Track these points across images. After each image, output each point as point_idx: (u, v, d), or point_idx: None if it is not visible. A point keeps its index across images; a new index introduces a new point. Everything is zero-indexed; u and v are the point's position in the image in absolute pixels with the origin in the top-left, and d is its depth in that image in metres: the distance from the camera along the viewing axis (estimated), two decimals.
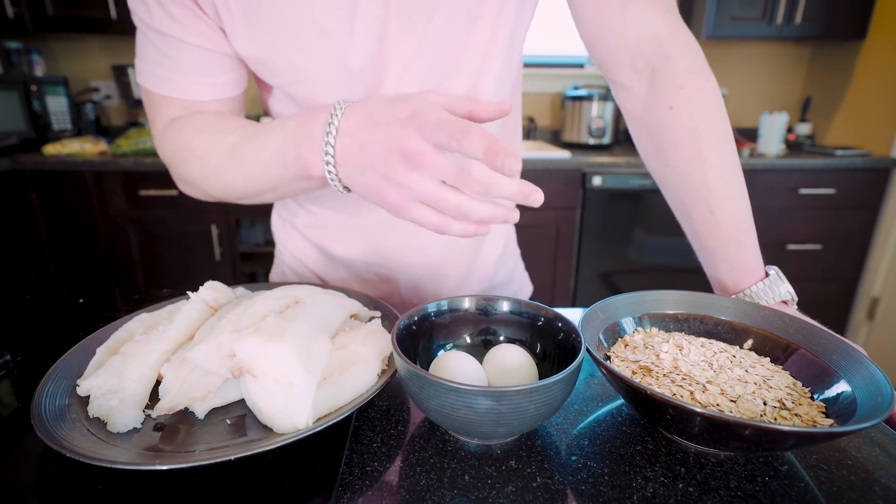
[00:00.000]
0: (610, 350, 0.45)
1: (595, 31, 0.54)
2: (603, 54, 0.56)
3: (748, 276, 0.51)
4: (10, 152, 1.83)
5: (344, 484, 0.34)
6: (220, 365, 0.38)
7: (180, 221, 1.90)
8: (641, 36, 0.52)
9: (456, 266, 0.67)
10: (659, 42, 0.52)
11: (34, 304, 0.64)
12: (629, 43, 0.53)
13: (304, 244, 0.70)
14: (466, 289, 0.70)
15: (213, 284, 0.50)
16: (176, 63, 0.50)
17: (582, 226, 1.92)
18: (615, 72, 0.56)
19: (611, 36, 0.53)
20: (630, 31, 0.52)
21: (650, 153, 0.57)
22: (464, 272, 0.68)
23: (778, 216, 1.92)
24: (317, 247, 0.69)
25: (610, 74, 0.57)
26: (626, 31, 0.53)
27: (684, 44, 0.52)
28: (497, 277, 0.73)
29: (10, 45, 2.01)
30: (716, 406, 0.36)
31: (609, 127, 2.10)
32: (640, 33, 0.52)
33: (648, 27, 0.52)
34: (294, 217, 0.69)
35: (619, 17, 0.52)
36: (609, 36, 0.54)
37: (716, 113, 0.52)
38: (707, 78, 0.52)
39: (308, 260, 0.70)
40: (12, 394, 0.45)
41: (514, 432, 0.37)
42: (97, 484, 0.33)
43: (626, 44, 0.53)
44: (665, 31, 0.52)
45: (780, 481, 0.34)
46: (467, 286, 0.70)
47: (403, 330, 0.41)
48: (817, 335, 0.42)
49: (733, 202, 0.51)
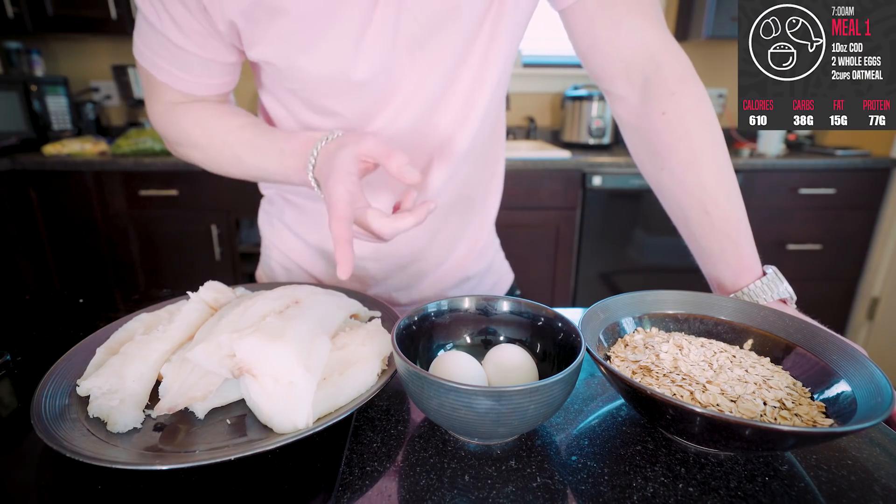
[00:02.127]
0: (610, 350, 0.45)
1: (590, 45, 0.56)
2: (598, 66, 0.57)
3: (746, 274, 0.52)
4: (10, 152, 1.83)
5: (344, 484, 0.34)
6: (220, 365, 0.38)
7: (180, 221, 1.90)
8: (635, 47, 0.54)
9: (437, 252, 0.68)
10: (651, 52, 0.54)
11: (34, 304, 0.64)
12: (623, 54, 0.54)
13: (292, 239, 0.70)
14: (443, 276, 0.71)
15: (213, 284, 0.50)
16: (180, 62, 0.52)
17: (582, 226, 1.92)
18: (610, 82, 0.57)
19: (605, 48, 0.55)
20: (624, 42, 0.54)
21: (645, 159, 0.58)
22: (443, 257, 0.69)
23: (778, 216, 1.92)
24: (304, 241, 0.69)
25: (604, 85, 0.58)
26: (620, 43, 0.54)
27: (675, 54, 0.54)
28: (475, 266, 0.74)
29: (10, 45, 2.00)
30: (716, 406, 0.36)
31: (609, 127, 2.09)
32: (634, 45, 0.54)
33: (641, 39, 0.54)
34: (281, 213, 0.70)
35: (612, 30, 0.54)
36: (604, 48, 0.55)
37: (707, 117, 0.53)
38: (697, 85, 0.54)
39: (296, 255, 0.71)
40: (12, 394, 0.45)
41: (514, 432, 0.37)
42: (97, 484, 0.33)
43: (621, 55, 0.55)
44: (657, 41, 0.54)
45: (780, 481, 0.34)
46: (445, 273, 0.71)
47: (403, 330, 0.41)
48: (817, 335, 0.42)
49: (728, 201, 0.52)
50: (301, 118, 0.58)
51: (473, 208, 0.69)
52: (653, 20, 0.54)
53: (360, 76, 0.50)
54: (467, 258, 0.72)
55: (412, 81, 0.53)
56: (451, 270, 0.71)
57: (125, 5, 1.86)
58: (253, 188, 0.72)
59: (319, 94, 0.53)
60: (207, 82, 0.54)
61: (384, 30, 0.48)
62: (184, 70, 0.52)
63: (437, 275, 0.71)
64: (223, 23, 0.48)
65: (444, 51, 0.52)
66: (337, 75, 0.50)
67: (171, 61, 0.52)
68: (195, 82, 0.54)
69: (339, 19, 0.47)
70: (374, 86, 0.52)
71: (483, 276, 0.76)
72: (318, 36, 0.48)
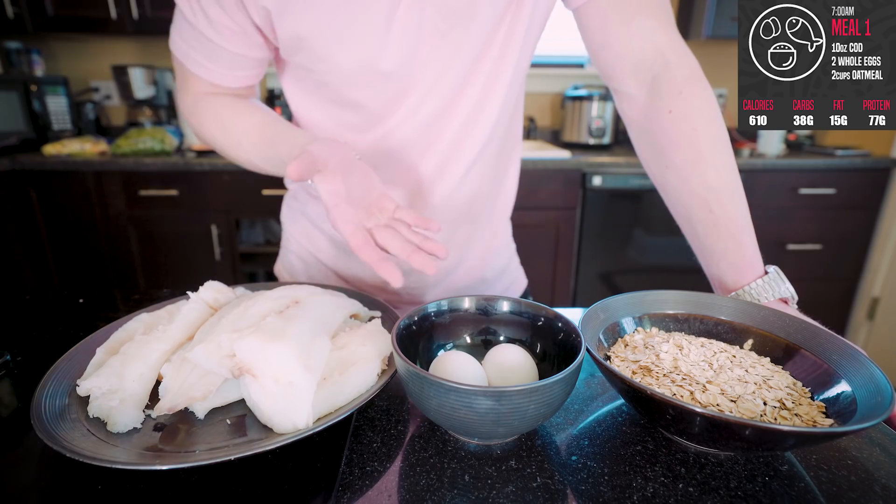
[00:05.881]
0: (610, 350, 0.45)
1: (601, 42, 0.57)
2: (608, 64, 0.58)
3: (748, 272, 0.52)
4: (10, 152, 1.83)
5: (344, 484, 0.34)
6: (220, 365, 0.38)
7: (180, 221, 1.89)
8: (645, 46, 0.55)
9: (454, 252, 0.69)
10: (661, 52, 0.54)
11: (34, 304, 0.64)
12: (633, 52, 0.55)
13: (315, 233, 0.71)
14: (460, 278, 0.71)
15: (213, 284, 0.50)
16: (212, 55, 0.56)
17: (582, 226, 1.92)
18: (619, 80, 0.58)
19: (616, 45, 0.56)
20: (634, 41, 0.55)
21: (650, 157, 0.59)
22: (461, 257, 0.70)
23: (778, 216, 1.92)
24: (326, 235, 0.70)
25: (613, 83, 0.59)
26: (630, 42, 0.55)
27: (684, 54, 0.55)
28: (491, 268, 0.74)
29: (10, 45, 2.00)
30: (716, 406, 0.36)
31: (609, 127, 2.09)
32: (644, 43, 0.55)
33: (651, 38, 0.54)
34: (305, 206, 0.71)
35: (623, 28, 0.55)
36: (614, 45, 0.56)
37: (712, 117, 0.54)
38: (704, 87, 0.54)
39: (317, 249, 0.72)
40: (12, 394, 0.45)
41: (514, 432, 0.37)
42: (97, 484, 0.33)
43: (630, 53, 0.55)
44: (666, 41, 0.55)
45: (780, 481, 0.34)
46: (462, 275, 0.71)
47: (403, 330, 0.41)
48: (817, 335, 0.42)
49: (731, 200, 0.52)
50: (328, 112, 0.60)
51: (489, 206, 0.70)
52: (663, 21, 0.55)
53: (386, 66, 0.53)
54: (484, 259, 0.72)
55: (432, 73, 0.55)
56: (468, 271, 0.72)
57: (125, 5, 1.86)
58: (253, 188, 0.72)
59: (348, 85, 0.56)
60: (234, 74, 0.59)
61: (410, 19, 0.51)
62: (213, 61, 0.57)
63: (454, 277, 0.71)
64: (257, 13, 0.51)
65: (464, 43, 0.54)
66: (365, 64, 0.53)
67: (203, 52, 0.56)
68: (222, 73, 0.58)
69: (369, 7, 0.49)
70: (397, 76, 0.54)
71: (498, 278, 0.76)
72: (348, 22, 0.50)
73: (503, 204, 0.72)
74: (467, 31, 0.53)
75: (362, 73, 0.54)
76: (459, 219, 0.66)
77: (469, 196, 0.64)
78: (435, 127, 0.58)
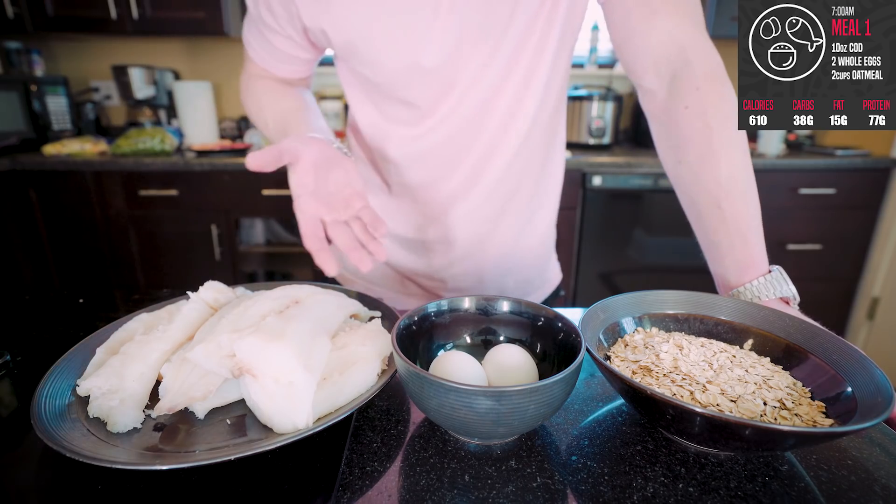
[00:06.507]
0: (610, 350, 0.45)
1: (623, 35, 0.58)
2: (630, 58, 0.59)
3: (751, 270, 0.52)
4: (10, 152, 1.83)
5: (344, 484, 0.34)
6: (220, 365, 0.38)
7: (180, 221, 1.89)
8: (665, 41, 0.55)
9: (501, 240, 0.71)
10: (681, 48, 0.55)
11: (34, 304, 0.64)
12: (653, 47, 0.56)
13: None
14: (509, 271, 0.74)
15: (213, 284, 0.50)
16: (268, 47, 0.66)
17: (582, 226, 1.92)
18: (640, 75, 0.59)
19: (637, 40, 0.57)
20: (655, 36, 0.56)
21: (666, 152, 0.60)
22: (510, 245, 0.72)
23: (778, 216, 1.92)
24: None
25: (635, 77, 0.60)
26: (650, 36, 0.56)
27: (706, 52, 0.55)
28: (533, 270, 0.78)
29: (10, 45, 2.00)
30: (716, 406, 0.36)
31: (609, 127, 2.09)
32: (664, 38, 0.55)
33: (672, 33, 0.55)
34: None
35: (645, 23, 0.56)
36: (636, 40, 0.57)
37: (729, 115, 0.54)
38: (724, 84, 0.55)
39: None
40: (12, 394, 0.45)
41: (514, 432, 0.37)
42: (97, 484, 0.33)
43: (651, 48, 0.56)
44: (688, 38, 0.55)
45: (780, 481, 0.34)
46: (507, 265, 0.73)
47: (403, 330, 0.41)
48: (818, 335, 0.42)
49: (741, 198, 0.53)
50: (380, 107, 0.64)
51: (533, 201, 0.71)
52: (688, 19, 0.56)
53: (429, 62, 0.57)
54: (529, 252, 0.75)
55: (472, 69, 0.58)
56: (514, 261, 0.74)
57: (125, 5, 1.86)
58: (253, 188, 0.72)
59: (395, 84, 0.60)
60: (283, 67, 0.68)
61: (452, 17, 0.54)
62: (266, 52, 0.66)
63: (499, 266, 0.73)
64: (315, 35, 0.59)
65: (502, 40, 0.56)
66: (409, 63, 0.57)
67: (259, 44, 0.66)
68: (273, 64, 0.68)
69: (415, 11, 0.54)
70: (440, 73, 0.58)
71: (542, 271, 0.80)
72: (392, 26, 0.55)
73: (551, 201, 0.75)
74: (506, 28, 0.56)
75: (407, 73, 0.58)
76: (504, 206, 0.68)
77: (513, 187, 0.67)
78: (476, 121, 0.61)
